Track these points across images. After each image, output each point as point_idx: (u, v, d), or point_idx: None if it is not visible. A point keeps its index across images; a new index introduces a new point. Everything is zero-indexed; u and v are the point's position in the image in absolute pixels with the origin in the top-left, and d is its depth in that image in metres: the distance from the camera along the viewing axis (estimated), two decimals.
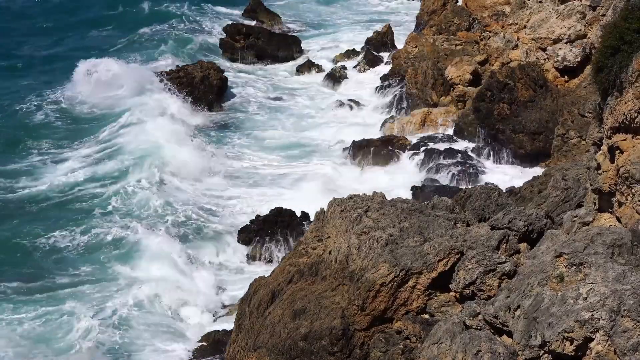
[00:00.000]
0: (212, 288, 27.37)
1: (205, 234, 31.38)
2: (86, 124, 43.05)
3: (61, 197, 34.16)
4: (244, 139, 41.86)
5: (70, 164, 37.35)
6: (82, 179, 35.69)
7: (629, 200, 14.17)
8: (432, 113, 40.06)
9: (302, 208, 31.01)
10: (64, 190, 34.76)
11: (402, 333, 16.72)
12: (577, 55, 36.63)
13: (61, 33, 61.42)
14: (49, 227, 31.24)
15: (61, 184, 35.26)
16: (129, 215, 32.18)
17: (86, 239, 30.41)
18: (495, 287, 16.13)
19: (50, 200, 33.95)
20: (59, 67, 51.12)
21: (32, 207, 33.20)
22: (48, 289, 27.08)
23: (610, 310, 12.37)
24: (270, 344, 17.84)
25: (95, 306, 25.80)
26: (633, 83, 13.75)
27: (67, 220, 31.86)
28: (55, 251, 29.67)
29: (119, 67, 47.89)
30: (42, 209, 33.08)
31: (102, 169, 36.61)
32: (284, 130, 42.99)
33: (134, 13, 65.61)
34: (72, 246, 29.96)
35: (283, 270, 19.90)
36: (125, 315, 25.35)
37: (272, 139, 41.46)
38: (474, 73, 39.89)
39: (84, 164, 37.43)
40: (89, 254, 29.44)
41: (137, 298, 26.21)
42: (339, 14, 69.60)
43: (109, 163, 37.12)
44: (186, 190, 34.73)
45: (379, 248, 17.51)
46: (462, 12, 45.61)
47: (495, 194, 20.79)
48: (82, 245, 29.99)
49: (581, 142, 31.98)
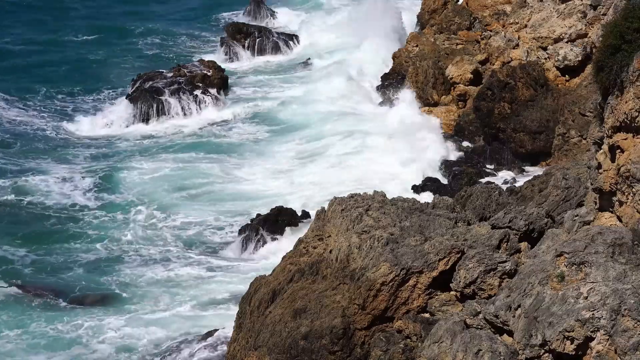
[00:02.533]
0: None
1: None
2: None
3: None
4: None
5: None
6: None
7: (630, 199, 14.17)
8: (432, 112, 40.04)
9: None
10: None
11: (402, 332, 16.72)
12: (577, 54, 36.63)
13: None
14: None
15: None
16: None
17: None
18: (495, 286, 16.14)
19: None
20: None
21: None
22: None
23: (611, 309, 12.38)
24: (271, 343, 17.84)
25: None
26: (634, 82, 13.75)
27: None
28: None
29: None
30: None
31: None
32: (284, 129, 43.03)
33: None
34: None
35: (284, 269, 19.91)
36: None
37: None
38: (474, 72, 39.87)
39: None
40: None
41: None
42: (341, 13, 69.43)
43: None
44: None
45: (380, 247, 17.52)
46: (462, 12, 45.57)
47: (496, 193, 20.81)
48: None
49: (582, 142, 31.98)
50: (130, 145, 41.28)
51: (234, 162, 38.73)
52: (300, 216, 31.07)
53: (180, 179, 36.27)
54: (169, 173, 36.92)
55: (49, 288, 27.56)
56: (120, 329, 25.09)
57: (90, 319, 25.66)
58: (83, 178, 36.21)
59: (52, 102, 47.18)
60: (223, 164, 38.40)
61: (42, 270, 28.79)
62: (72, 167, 37.68)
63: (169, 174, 36.77)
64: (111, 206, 33.86)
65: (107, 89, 49.61)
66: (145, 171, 37.08)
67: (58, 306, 26.58)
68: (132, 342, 24.57)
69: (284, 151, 39.87)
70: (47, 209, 33.45)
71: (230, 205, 34.08)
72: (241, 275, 28.40)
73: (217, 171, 37.30)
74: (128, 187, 35.39)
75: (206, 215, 33.09)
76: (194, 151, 39.78)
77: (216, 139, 42.08)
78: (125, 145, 41.23)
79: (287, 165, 38.08)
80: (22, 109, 45.73)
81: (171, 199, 34.40)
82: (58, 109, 46.26)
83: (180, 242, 31.04)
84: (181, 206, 33.87)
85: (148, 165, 37.70)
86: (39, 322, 25.43)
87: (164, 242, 31.06)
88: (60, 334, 24.88)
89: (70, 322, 25.44)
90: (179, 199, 34.46)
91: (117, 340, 24.61)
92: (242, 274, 28.39)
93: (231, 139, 42.18)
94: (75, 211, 33.38)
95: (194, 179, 36.45)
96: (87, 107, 46.86)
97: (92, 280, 28.22)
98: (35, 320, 25.57)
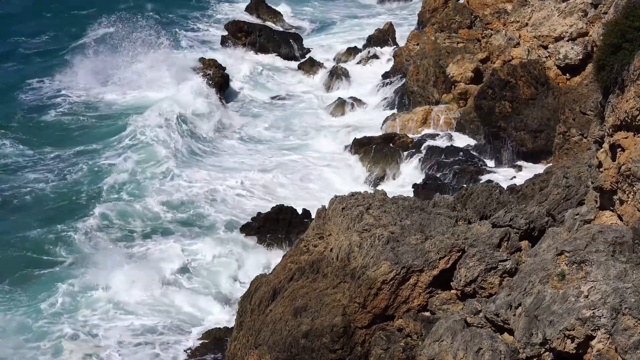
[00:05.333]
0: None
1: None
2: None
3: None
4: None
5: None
6: None
7: (631, 198, 14.18)
8: (433, 111, 40.05)
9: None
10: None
11: (403, 331, 16.72)
12: (578, 53, 36.63)
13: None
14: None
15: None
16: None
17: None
18: (496, 285, 16.14)
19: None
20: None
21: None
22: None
23: (612, 308, 12.38)
24: (272, 342, 17.85)
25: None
26: (634, 81, 13.75)
27: None
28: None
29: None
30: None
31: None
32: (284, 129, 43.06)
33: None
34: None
35: (284, 267, 19.91)
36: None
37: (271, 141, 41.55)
38: (475, 71, 39.87)
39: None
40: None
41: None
42: (341, 12, 69.53)
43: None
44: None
45: (380, 246, 17.52)
46: (463, 10, 45.57)
47: (497, 191, 20.79)
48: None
49: (582, 140, 31.97)
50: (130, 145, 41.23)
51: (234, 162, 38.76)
52: (301, 215, 31.06)
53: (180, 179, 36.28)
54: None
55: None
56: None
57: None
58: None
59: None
60: (224, 163, 38.43)
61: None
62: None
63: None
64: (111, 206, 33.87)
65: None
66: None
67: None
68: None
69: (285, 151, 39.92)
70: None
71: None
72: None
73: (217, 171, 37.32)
74: (129, 187, 35.39)
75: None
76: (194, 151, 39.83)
77: (216, 138, 42.08)
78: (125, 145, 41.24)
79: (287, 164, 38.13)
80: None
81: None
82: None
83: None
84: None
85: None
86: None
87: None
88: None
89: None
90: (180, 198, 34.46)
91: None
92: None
93: (232, 138, 42.19)
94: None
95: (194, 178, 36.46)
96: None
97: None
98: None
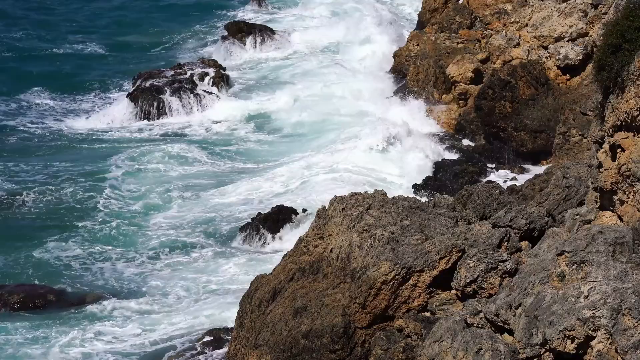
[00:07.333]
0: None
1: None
2: None
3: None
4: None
5: None
6: None
7: (631, 198, 14.18)
8: (433, 111, 40.05)
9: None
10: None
11: (403, 331, 16.73)
12: (578, 53, 36.65)
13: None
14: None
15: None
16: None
17: None
18: (496, 285, 16.14)
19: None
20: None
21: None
22: None
23: (612, 308, 12.38)
24: (272, 342, 17.86)
25: None
26: (635, 81, 13.76)
27: None
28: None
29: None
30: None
31: None
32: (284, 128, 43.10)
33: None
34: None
35: (284, 268, 19.91)
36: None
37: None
38: (475, 71, 39.83)
39: None
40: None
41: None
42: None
43: None
44: None
45: (381, 246, 17.52)
46: (463, 10, 45.51)
47: (497, 192, 20.80)
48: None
49: (583, 140, 32.00)
50: (131, 143, 41.25)
51: (234, 161, 38.76)
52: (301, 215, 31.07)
53: (180, 179, 36.24)
54: (170, 173, 36.90)
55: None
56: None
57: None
58: (82, 177, 36.14)
59: (51, 101, 47.16)
60: (223, 163, 38.44)
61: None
62: (72, 166, 37.67)
63: (170, 174, 36.75)
64: (112, 205, 33.80)
65: (108, 87, 49.63)
66: (146, 170, 37.10)
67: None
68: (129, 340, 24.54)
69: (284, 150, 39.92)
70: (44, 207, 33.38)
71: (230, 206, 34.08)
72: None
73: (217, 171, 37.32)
74: (129, 187, 35.35)
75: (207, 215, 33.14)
76: (195, 150, 39.75)
77: (217, 138, 42.09)
78: (126, 143, 41.22)
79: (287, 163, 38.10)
80: (20, 108, 45.78)
81: (171, 199, 34.35)
82: (57, 107, 46.21)
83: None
84: (181, 206, 33.81)
85: (148, 165, 37.70)
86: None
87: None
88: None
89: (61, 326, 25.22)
90: (179, 199, 34.40)
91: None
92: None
93: (231, 138, 42.20)
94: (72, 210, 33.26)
95: (195, 179, 36.45)
96: (87, 105, 46.83)
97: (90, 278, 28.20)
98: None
